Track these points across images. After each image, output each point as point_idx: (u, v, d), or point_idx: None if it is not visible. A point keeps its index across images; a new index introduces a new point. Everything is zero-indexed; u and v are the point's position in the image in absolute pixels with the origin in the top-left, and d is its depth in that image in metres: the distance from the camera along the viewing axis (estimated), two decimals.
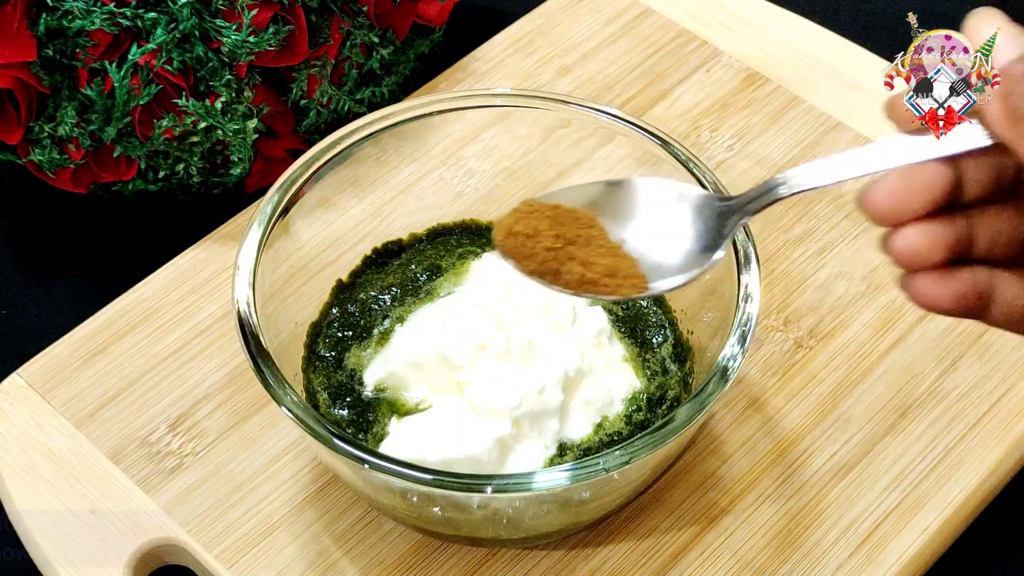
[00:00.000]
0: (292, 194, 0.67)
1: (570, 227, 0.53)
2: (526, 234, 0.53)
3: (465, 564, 0.66)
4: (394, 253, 0.74)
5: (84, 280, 0.84)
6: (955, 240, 0.47)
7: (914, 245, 0.47)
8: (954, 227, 0.47)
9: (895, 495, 0.68)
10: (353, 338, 0.70)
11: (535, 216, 0.54)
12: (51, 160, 0.78)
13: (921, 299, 0.48)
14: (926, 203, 0.47)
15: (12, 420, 0.71)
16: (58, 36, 0.75)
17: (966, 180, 0.48)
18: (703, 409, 0.59)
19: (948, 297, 0.47)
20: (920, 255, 0.47)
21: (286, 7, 0.77)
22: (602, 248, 0.53)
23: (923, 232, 0.47)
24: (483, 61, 0.89)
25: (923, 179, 0.47)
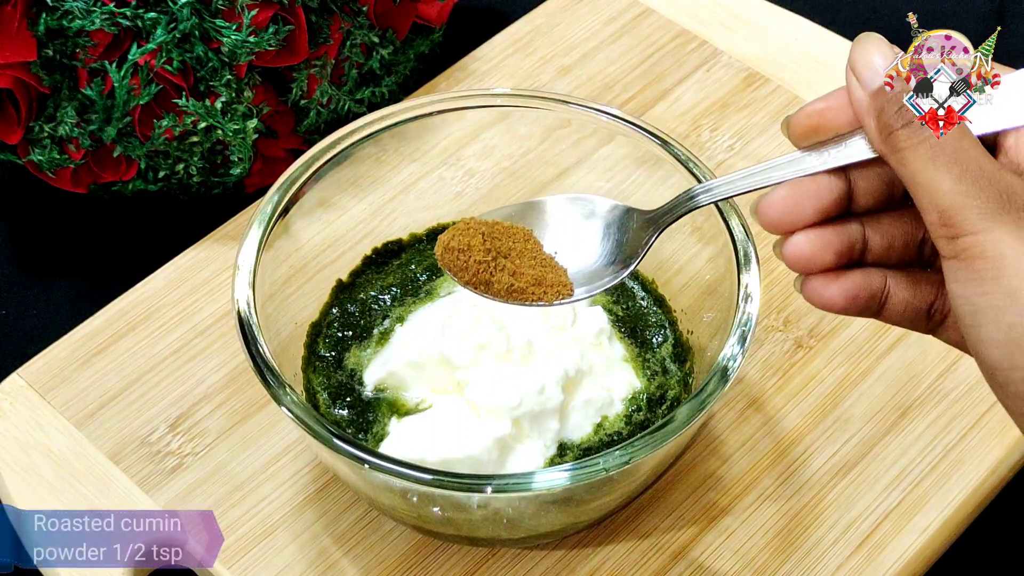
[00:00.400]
0: (292, 194, 0.67)
1: (504, 241, 0.59)
2: (460, 248, 0.58)
3: (465, 564, 0.66)
4: (394, 253, 0.74)
5: (84, 280, 0.84)
6: (846, 245, 0.51)
7: (802, 250, 0.51)
8: (845, 233, 0.51)
9: (895, 495, 0.68)
10: (353, 338, 0.70)
11: (470, 232, 0.59)
12: (51, 160, 0.78)
13: (813, 299, 0.51)
14: (814, 212, 0.51)
15: (12, 420, 0.71)
16: (58, 36, 0.75)
17: (858, 190, 0.51)
18: (703, 409, 0.59)
19: (839, 297, 0.51)
20: (809, 259, 0.51)
21: (286, 7, 0.77)
22: (533, 260, 0.58)
23: (812, 238, 0.51)
24: (483, 61, 0.89)
25: (810, 190, 0.51)
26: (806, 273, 0.52)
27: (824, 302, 0.52)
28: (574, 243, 0.59)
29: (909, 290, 0.52)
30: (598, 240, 0.58)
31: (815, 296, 0.52)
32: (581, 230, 0.59)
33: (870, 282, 0.51)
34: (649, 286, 0.73)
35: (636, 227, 0.58)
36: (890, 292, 0.52)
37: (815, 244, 0.51)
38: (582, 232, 0.59)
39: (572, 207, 0.59)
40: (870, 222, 0.52)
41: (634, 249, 0.57)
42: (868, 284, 0.51)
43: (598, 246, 0.58)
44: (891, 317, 0.52)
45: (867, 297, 0.51)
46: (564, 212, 0.59)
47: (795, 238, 0.51)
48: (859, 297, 0.51)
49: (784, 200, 0.51)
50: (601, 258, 0.58)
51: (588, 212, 0.59)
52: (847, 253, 0.51)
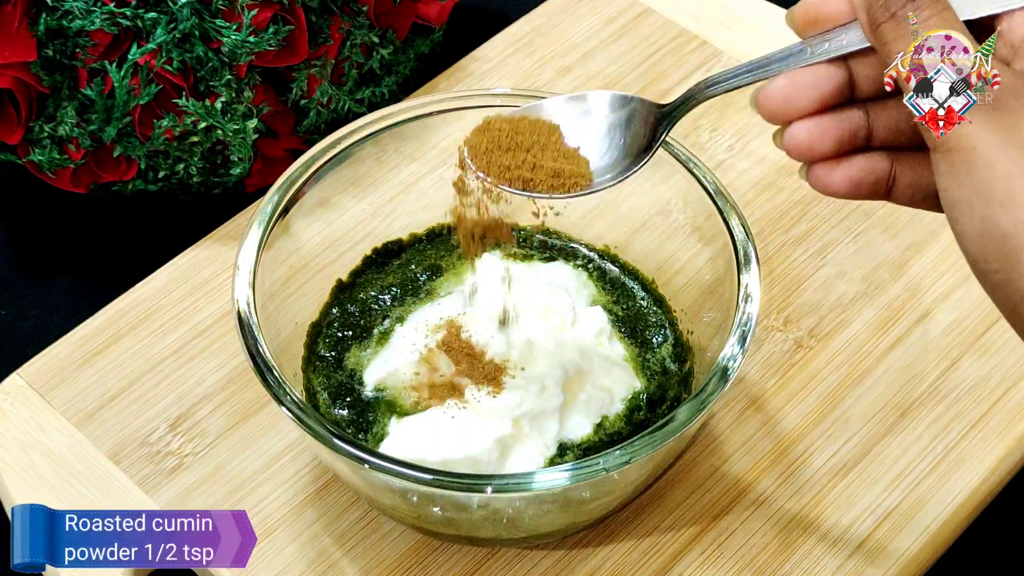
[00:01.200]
0: (292, 194, 0.67)
1: (527, 136, 0.59)
2: (486, 147, 0.58)
3: (465, 564, 0.66)
4: (394, 253, 0.74)
5: (84, 280, 0.84)
6: (847, 132, 0.52)
7: (800, 139, 0.52)
8: (846, 120, 0.52)
9: (895, 495, 0.68)
10: (353, 338, 0.70)
11: (492, 129, 0.59)
12: (51, 160, 0.78)
13: (817, 186, 0.53)
14: (811, 101, 0.52)
15: (12, 420, 0.71)
16: (58, 36, 0.75)
17: (859, 78, 0.52)
18: (703, 409, 0.59)
19: (842, 182, 0.52)
20: (807, 147, 0.52)
21: (286, 7, 0.77)
22: (556, 152, 0.58)
23: (810, 127, 0.52)
24: (483, 61, 0.89)
25: (808, 80, 0.51)
26: (807, 162, 0.53)
27: (828, 189, 0.53)
28: (593, 137, 0.59)
29: (916, 172, 0.52)
30: (615, 134, 0.59)
31: (819, 183, 0.53)
32: (598, 124, 0.59)
33: (874, 166, 0.52)
34: (649, 286, 0.73)
35: (651, 120, 0.58)
36: (896, 175, 0.52)
37: (813, 132, 0.52)
38: (599, 126, 0.59)
39: (582, 104, 0.59)
40: (875, 108, 0.52)
41: (648, 141, 0.58)
42: (872, 169, 0.52)
43: (615, 139, 0.59)
44: (900, 199, 0.53)
45: (872, 182, 0.52)
46: (582, 107, 0.59)
47: (793, 127, 0.52)
48: (863, 182, 0.52)
49: (782, 90, 0.52)
50: (618, 151, 0.58)
51: (597, 108, 0.59)
52: (849, 140, 0.52)
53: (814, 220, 0.80)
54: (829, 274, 0.77)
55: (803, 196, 0.81)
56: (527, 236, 0.75)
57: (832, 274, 0.77)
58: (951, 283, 0.77)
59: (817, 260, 0.78)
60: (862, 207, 0.80)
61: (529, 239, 0.75)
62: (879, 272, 0.77)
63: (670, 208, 0.71)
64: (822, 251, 0.78)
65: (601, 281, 0.73)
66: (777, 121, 0.53)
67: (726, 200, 0.66)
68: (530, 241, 0.75)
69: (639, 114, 0.58)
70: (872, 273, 0.77)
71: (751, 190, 0.81)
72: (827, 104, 0.52)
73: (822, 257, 0.78)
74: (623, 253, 0.74)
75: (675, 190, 0.69)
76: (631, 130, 0.58)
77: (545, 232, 0.75)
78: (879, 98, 0.52)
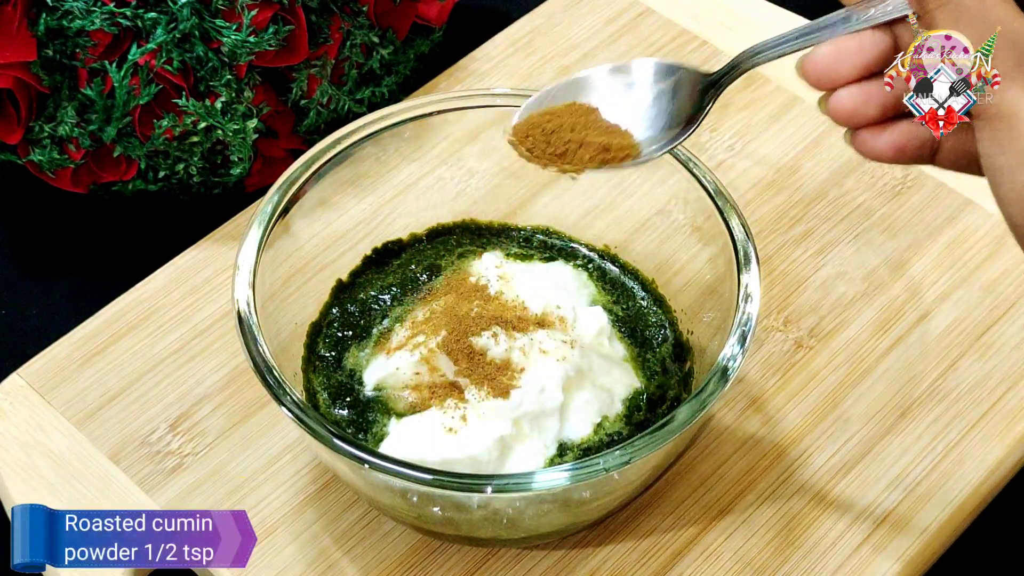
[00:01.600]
0: (292, 194, 0.67)
1: (566, 119, 0.60)
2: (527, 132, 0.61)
3: (465, 564, 0.66)
4: (394, 253, 0.74)
5: (84, 280, 0.84)
6: (891, 98, 0.52)
7: (845, 104, 0.53)
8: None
9: (895, 495, 0.68)
10: (353, 338, 0.70)
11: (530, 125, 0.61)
12: (51, 160, 0.78)
13: (863, 150, 0.54)
14: (855, 67, 0.52)
15: (12, 420, 0.71)
16: (58, 36, 0.75)
17: (904, 44, 0.52)
18: (703, 409, 0.59)
19: (887, 148, 0.53)
20: (852, 113, 0.53)
21: (286, 7, 0.77)
22: (598, 129, 0.60)
23: (854, 92, 0.53)
24: (483, 61, 0.89)
25: (852, 47, 0.52)
26: (853, 127, 0.53)
27: (874, 153, 0.53)
28: (638, 107, 0.60)
29: (960, 137, 0.53)
30: (660, 103, 0.59)
31: (864, 148, 0.54)
32: (643, 94, 0.60)
33: (918, 131, 0.53)
34: (649, 286, 0.73)
35: (697, 89, 0.58)
36: (941, 139, 0.53)
37: (857, 98, 0.52)
38: (644, 96, 0.60)
39: (626, 75, 0.60)
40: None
41: (694, 110, 0.58)
42: (916, 133, 0.53)
43: (660, 109, 0.59)
44: (943, 163, 0.54)
45: (916, 146, 0.53)
46: (618, 80, 0.60)
47: (839, 93, 0.53)
48: (907, 147, 0.53)
49: (827, 56, 0.53)
50: (664, 120, 0.59)
51: (642, 78, 0.60)
52: (893, 105, 0.52)
53: (814, 220, 0.80)
54: (829, 274, 0.77)
55: (803, 196, 0.81)
56: (527, 236, 0.75)
57: (832, 274, 0.77)
58: (951, 283, 0.77)
59: (817, 260, 0.78)
60: (862, 207, 0.80)
61: (529, 239, 0.75)
62: (879, 272, 0.77)
63: (670, 208, 0.71)
64: (822, 251, 0.78)
65: (601, 281, 0.73)
66: (822, 87, 0.53)
67: (726, 200, 0.66)
68: (530, 241, 0.75)
69: (684, 83, 0.59)
70: (872, 273, 0.77)
71: (751, 190, 0.81)
72: (872, 70, 0.53)
73: (822, 257, 0.78)
74: (623, 253, 0.74)
75: (675, 190, 0.69)
76: (677, 99, 0.59)
77: (545, 232, 0.75)
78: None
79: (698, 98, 0.58)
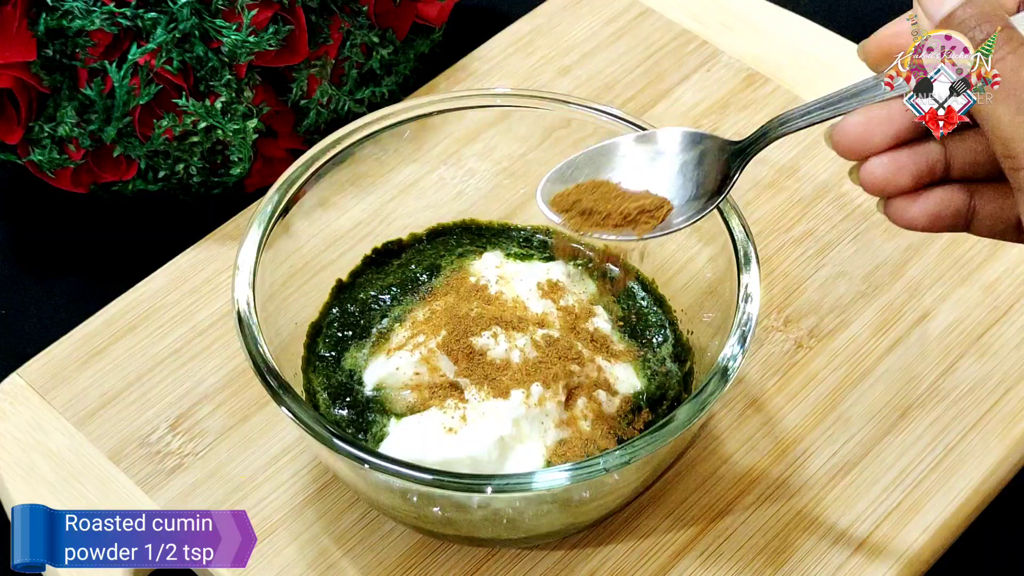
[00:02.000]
0: (292, 194, 0.67)
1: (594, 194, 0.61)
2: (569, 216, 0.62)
3: (465, 564, 0.66)
4: (394, 253, 0.74)
5: (84, 280, 0.84)
6: (924, 166, 0.52)
7: (876, 175, 0.52)
8: (923, 154, 0.52)
9: (895, 495, 0.68)
10: (353, 338, 0.70)
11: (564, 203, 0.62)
12: (51, 160, 0.78)
13: (896, 220, 0.53)
14: (886, 137, 0.51)
15: (12, 420, 0.71)
16: (58, 36, 0.75)
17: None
18: (703, 409, 0.59)
19: (921, 217, 0.52)
20: (884, 183, 0.52)
21: (286, 7, 0.77)
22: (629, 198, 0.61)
23: (885, 162, 0.52)
24: (483, 61, 0.89)
25: (882, 116, 0.51)
26: (886, 196, 0.53)
27: (906, 223, 0.53)
28: (658, 181, 0.60)
29: (997, 203, 0.52)
30: (687, 172, 0.59)
31: (897, 217, 0.53)
32: (664, 167, 0.60)
33: (953, 200, 0.52)
34: (649, 286, 0.73)
35: (723, 158, 0.58)
36: (976, 208, 0.52)
37: (888, 168, 0.52)
38: (671, 165, 0.60)
39: (651, 145, 0.60)
40: (952, 140, 0.52)
41: (721, 179, 0.58)
42: (951, 202, 0.52)
43: (687, 178, 0.59)
44: (981, 231, 0.53)
45: (951, 215, 0.52)
46: (643, 151, 0.60)
47: (870, 163, 0.52)
48: (942, 216, 0.52)
49: (856, 126, 0.52)
50: (691, 190, 0.59)
51: (667, 147, 0.60)
52: (927, 174, 0.52)
53: (814, 220, 0.80)
54: (829, 274, 0.77)
55: (803, 196, 0.81)
56: (527, 236, 0.75)
57: (832, 274, 0.77)
58: (951, 283, 0.77)
59: (817, 260, 0.78)
60: (862, 207, 0.80)
61: (529, 239, 0.75)
62: (879, 272, 0.77)
63: None
64: (822, 251, 0.78)
65: (601, 281, 0.73)
66: (853, 158, 0.53)
67: (726, 200, 0.66)
68: (530, 241, 0.75)
69: (711, 152, 0.58)
70: (872, 273, 0.77)
71: (751, 190, 0.81)
72: (903, 139, 0.52)
73: (822, 257, 0.78)
74: (623, 253, 0.74)
75: None
76: (703, 168, 0.59)
77: (545, 232, 0.75)
78: (957, 130, 0.51)
79: (724, 167, 0.58)
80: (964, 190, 0.52)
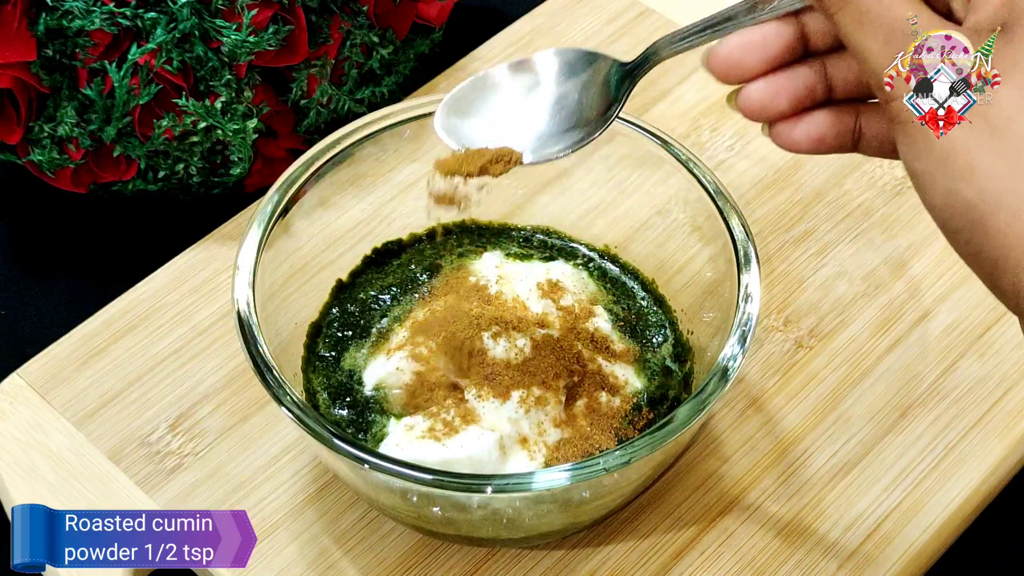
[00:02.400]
0: (292, 194, 0.67)
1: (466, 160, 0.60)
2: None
3: (465, 564, 0.66)
4: (394, 253, 0.74)
5: (84, 280, 0.84)
6: (802, 89, 0.51)
7: (752, 101, 0.52)
8: (799, 77, 0.52)
9: (895, 495, 0.68)
10: (353, 338, 0.70)
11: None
12: (51, 160, 0.78)
13: (780, 143, 0.52)
14: (762, 61, 0.51)
15: (12, 420, 0.71)
16: (58, 36, 0.75)
17: (812, 33, 0.51)
18: (703, 409, 0.59)
19: (804, 139, 0.52)
20: (761, 108, 0.52)
21: (286, 7, 0.77)
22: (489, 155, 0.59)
23: (763, 87, 0.51)
24: (483, 61, 0.89)
25: (756, 40, 0.51)
26: (767, 121, 0.52)
27: (791, 146, 0.52)
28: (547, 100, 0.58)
29: (881, 124, 0.52)
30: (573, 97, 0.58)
31: (781, 141, 0.52)
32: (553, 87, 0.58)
33: (837, 121, 0.52)
34: (649, 286, 0.73)
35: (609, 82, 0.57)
36: (862, 128, 0.52)
37: (765, 92, 0.51)
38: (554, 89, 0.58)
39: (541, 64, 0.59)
40: (832, 61, 0.52)
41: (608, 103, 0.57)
42: (834, 123, 0.52)
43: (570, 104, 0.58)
44: (868, 151, 0.52)
45: (835, 136, 0.52)
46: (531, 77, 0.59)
47: (747, 88, 0.52)
48: (825, 138, 0.52)
49: (732, 50, 0.51)
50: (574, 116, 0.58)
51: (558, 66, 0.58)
52: (806, 97, 0.51)
53: (814, 220, 0.80)
54: (829, 274, 0.77)
55: (803, 196, 0.81)
56: (527, 236, 0.75)
57: (832, 274, 0.77)
58: (951, 283, 0.77)
59: (817, 260, 0.78)
60: (862, 207, 0.80)
61: (529, 239, 0.75)
62: (879, 272, 0.77)
63: (670, 208, 0.71)
64: (822, 251, 0.78)
65: (601, 281, 0.73)
66: (729, 82, 0.52)
67: (726, 200, 0.66)
68: (530, 241, 0.75)
69: (594, 79, 0.57)
70: (872, 273, 0.77)
71: (751, 190, 0.81)
72: (779, 63, 0.51)
73: (822, 257, 0.78)
74: (623, 253, 0.74)
75: (675, 190, 0.69)
76: (588, 95, 0.57)
77: (545, 232, 0.75)
78: (835, 51, 0.52)
79: (609, 92, 0.57)
80: (849, 111, 0.52)
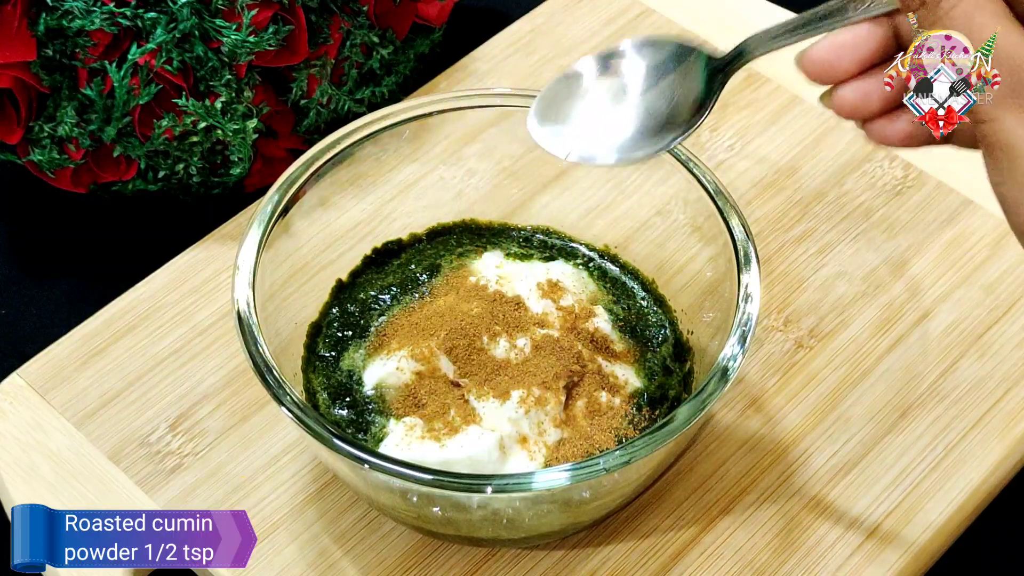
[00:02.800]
0: (292, 194, 0.67)
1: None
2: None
3: (465, 564, 0.66)
4: (394, 253, 0.74)
5: (84, 280, 0.84)
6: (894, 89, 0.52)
7: (845, 102, 0.53)
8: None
9: (895, 495, 0.68)
10: (353, 338, 0.70)
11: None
12: (51, 160, 0.78)
13: (875, 140, 0.54)
14: (855, 62, 0.52)
15: (12, 420, 0.71)
16: (58, 36, 0.75)
17: (904, 34, 0.52)
18: (703, 409, 0.59)
19: (897, 136, 0.53)
20: (854, 110, 0.53)
21: (286, 7, 0.77)
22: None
23: (854, 89, 0.52)
24: (483, 61, 0.89)
25: (847, 41, 0.52)
26: (861, 120, 0.53)
27: (885, 142, 0.53)
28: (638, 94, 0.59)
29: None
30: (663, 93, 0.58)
31: (876, 138, 0.53)
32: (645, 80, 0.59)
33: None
34: (649, 286, 0.73)
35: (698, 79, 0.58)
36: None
37: (857, 95, 0.53)
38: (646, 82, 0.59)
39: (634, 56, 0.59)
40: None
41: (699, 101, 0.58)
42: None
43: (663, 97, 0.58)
44: (961, 143, 0.53)
45: (926, 133, 0.52)
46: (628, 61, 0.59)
47: (840, 89, 0.53)
48: (918, 134, 0.53)
49: (825, 52, 0.52)
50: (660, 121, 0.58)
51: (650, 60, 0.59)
52: (898, 95, 0.52)
53: (814, 220, 0.80)
54: (829, 274, 0.77)
55: (803, 196, 0.81)
56: (527, 236, 0.75)
57: (832, 274, 0.77)
58: (951, 283, 0.77)
59: (817, 260, 0.78)
60: (862, 207, 0.80)
61: (529, 239, 0.75)
62: (879, 272, 0.77)
63: (670, 208, 0.71)
64: (822, 251, 0.78)
65: (601, 281, 0.73)
66: (823, 83, 0.53)
67: (726, 200, 0.66)
68: (530, 241, 0.75)
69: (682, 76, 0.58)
70: (872, 273, 0.77)
71: (751, 190, 0.81)
72: (871, 63, 0.52)
73: (822, 257, 0.78)
74: (623, 253, 0.74)
75: (675, 190, 0.69)
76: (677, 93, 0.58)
77: (545, 232, 0.75)
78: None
79: (703, 88, 0.58)
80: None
